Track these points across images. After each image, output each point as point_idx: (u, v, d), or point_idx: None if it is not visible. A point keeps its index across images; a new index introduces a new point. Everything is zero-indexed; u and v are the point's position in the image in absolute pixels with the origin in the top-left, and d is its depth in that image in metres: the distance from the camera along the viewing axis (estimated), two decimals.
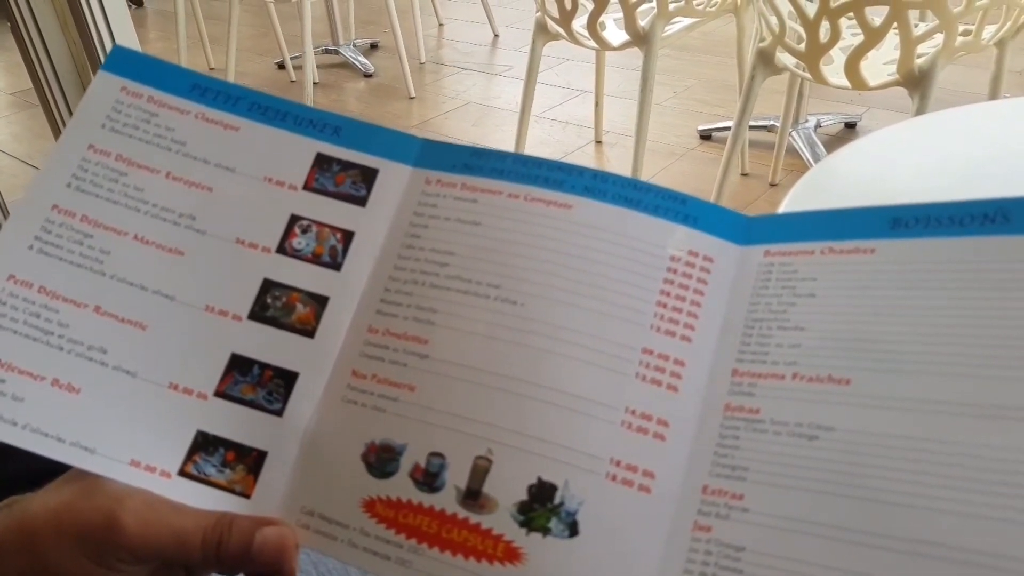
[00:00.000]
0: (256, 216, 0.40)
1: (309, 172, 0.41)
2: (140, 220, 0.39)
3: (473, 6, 4.15)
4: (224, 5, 2.99)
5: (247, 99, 0.42)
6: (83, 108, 0.41)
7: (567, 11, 2.08)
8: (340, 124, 0.43)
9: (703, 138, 2.68)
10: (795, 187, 0.82)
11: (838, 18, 1.54)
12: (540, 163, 0.40)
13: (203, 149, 0.41)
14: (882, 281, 0.35)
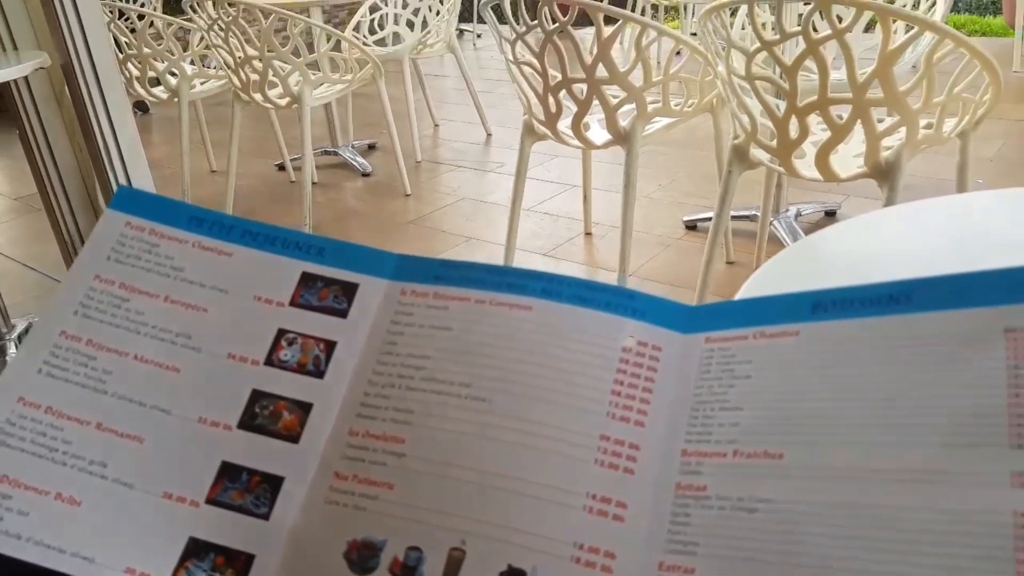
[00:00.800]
0: (246, 332, 0.43)
1: (295, 290, 0.45)
2: (140, 341, 0.42)
3: (467, 107, 4.32)
4: (227, 110, 3.13)
5: (239, 227, 0.47)
6: (91, 243, 0.45)
7: (552, 114, 2.18)
8: (324, 245, 0.47)
9: (688, 228, 2.76)
10: (759, 271, 0.86)
11: (806, 116, 1.62)
12: (502, 271, 0.44)
13: (199, 274, 0.45)
14: (806, 360, 0.38)
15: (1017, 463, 0.31)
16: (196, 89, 3.27)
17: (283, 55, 2.80)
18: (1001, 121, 3.62)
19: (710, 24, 1.70)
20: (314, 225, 3.00)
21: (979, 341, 0.34)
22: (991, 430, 0.32)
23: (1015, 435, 0.32)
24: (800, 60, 1.54)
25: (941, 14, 2.25)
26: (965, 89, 1.65)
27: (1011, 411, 0.32)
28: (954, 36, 1.50)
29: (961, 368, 0.34)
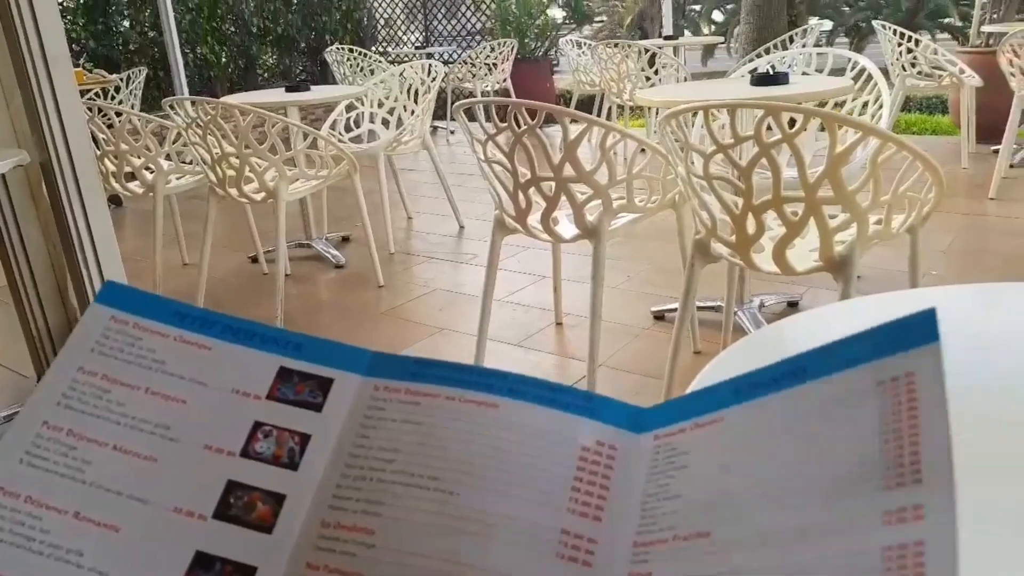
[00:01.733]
0: (223, 424, 0.45)
1: (272, 383, 0.47)
2: (120, 431, 0.44)
3: (440, 201, 4.42)
4: (200, 204, 3.18)
5: (220, 323, 0.49)
6: (76, 335, 0.47)
7: (522, 209, 2.25)
8: (301, 341, 0.49)
9: (656, 318, 2.81)
10: (713, 360, 0.90)
11: (761, 213, 1.70)
12: (471, 369, 0.47)
13: (180, 367, 0.47)
14: (730, 443, 0.42)
15: (888, 503, 0.34)
16: (172, 184, 3.32)
17: (260, 152, 2.87)
18: (954, 215, 3.78)
19: (669, 127, 1.79)
20: (286, 317, 3.01)
21: (857, 397, 0.38)
22: (867, 477, 0.35)
23: (887, 478, 0.35)
24: (754, 162, 1.62)
25: (886, 120, 2.38)
26: (911, 188, 1.74)
27: (883, 457, 0.35)
28: (896, 140, 1.60)
29: (844, 425, 0.38)
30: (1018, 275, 3.04)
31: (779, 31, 7.83)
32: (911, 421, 0.36)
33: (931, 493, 0.33)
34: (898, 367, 0.37)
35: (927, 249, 3.26)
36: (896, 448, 0.35)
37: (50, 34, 1.69)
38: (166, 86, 6.83)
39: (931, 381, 0.36)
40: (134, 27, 7.06)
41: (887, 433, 0.36)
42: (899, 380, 0.37)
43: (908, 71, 4.85)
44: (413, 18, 10.04)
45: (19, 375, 2.58)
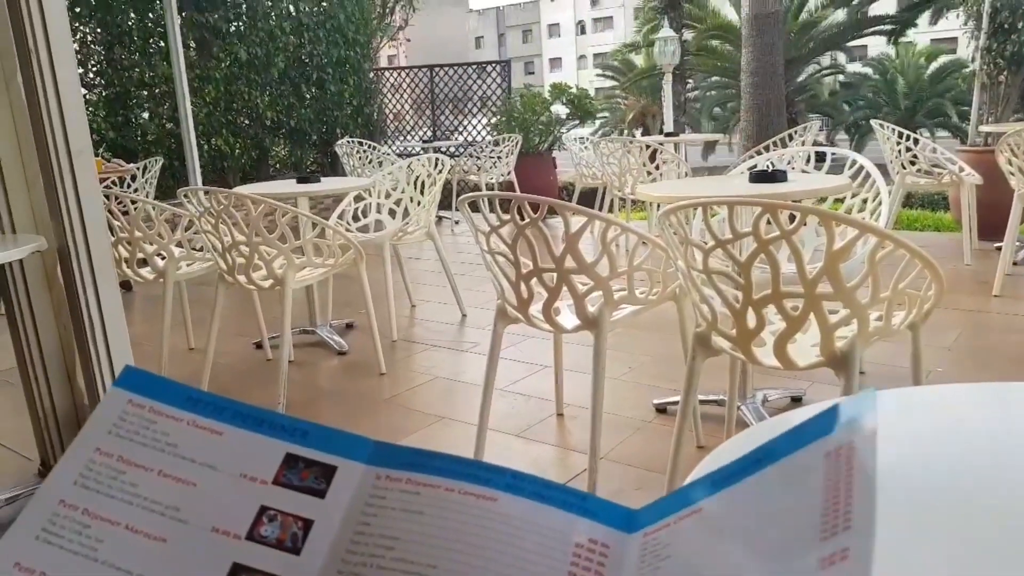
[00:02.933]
0: (231, 507, 0.46)
1: (279, 469, 0.48)
2: (132, 511, 0.45)
3: (443, 289, 4.47)
4: (207, 289, 3.22)
5: (231, 409, 0.51)
6: (95, 417, 0.49)
7: (524, 299, 2.28)
8: (308, 429, 0.51)
9: (659, 411, 2.80)
10: (711, 454, 0.90)
11: (761, 308, 1.72)
12: (471, 463, 0.49)
13: (191, 451, 0.48)
14: (706, 530, 0.44)
15: (823, 551, 0.38)
16: (182, 271, 3.38)
17: (269, 241, 2.93)
18: (958, 312, 3.80)
19: (669, 222, 1.83)
20: (288, 404, 3.01)
21: (810, 469, 0.42)
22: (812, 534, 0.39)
23: (823, 530, 0.39)
24: (752, 257, 1.66)
25: (885, 217, 2.43)
26: (911, 285, 1.77)
27: (824, 513, 0.39)
28: (893, 238, 1.63)
29: (799, 494, 0.42)
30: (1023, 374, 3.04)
31: (778, 129, 8.07)
32: (847, 481, 0.40)
33: (856, 536, 0.37)
34: (843, 439, 0.41)
35: (931, 346, 3.26)
36: (834, 505, 0.39)
37: (75, 128, 1.76)
38: (181, 175, 7.01)
39: (867, 449, 0.41)
40: (153, 119, 7.30)
41: (828, 493, 0.40)
42: (842, 449, 0.41)
43: (908, 169, 4.96)
44: (421, 113, 10.37)
45: (23, 457, 2.56)
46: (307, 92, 8.41)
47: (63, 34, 1.86)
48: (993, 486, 0.80)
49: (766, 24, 8.83)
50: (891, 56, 22.30)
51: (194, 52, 7.40)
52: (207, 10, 7.36)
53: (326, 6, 8.44)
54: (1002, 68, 6.14)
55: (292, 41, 8.14)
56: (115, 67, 7.00)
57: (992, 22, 6.05)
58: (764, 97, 9.08)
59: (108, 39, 6.96)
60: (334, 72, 8.53)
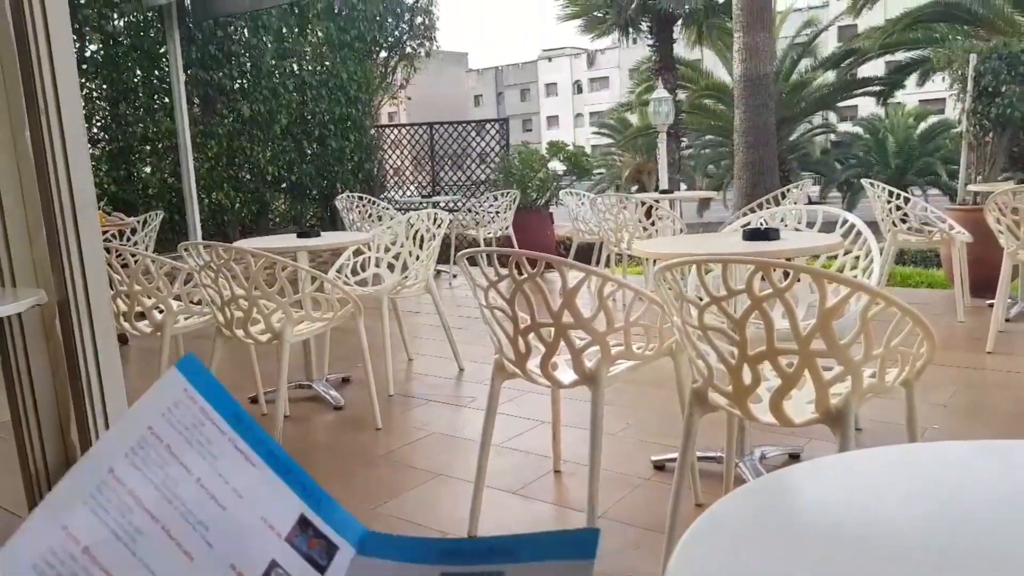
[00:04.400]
0: (249, 550, 0.49)
1: (292, 528, 0.51)
2: (170, 512, 0.47)
3: (441, 343, 4.47)
4: (204, 343, 3.22)
5: (266, 445, 0.54)
6: (152, 394, 0.51)
7: (522, 354, 2.29)
8: (322, 497, 0.55)
9: (657, 468, 2.78)
10: (710, 508, 0.90)
11: (756, 364, 1.73)
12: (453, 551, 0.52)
13: (228, 470, 0.51)
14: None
15: None
16: (180, 324, 3.38)
17: (269, 294, 2.95)
18: (953, 369, 3.81)
19: (665, 278, 1.86)
20: None
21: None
22: None
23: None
24: (747, 314, 1.68)
25: (876, 275, 2.46)
26: (903, 342, 1.78)
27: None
28: (884, 297, 1.65)
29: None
30: (1021, 431, 3.03)
31: (771, 186, 8.19)
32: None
33: None
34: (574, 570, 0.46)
35: (928, 403, 3.26)
36: None
37: (80, 183, 1.79)
38: (181, 229, 7.07)
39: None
40: (155, 173, 7.39)
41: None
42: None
43: (899, 227, 5.03)
44: (421, 168, 10.51)
45: (13, 515, 2.52)
46: (309, 148, 8.54)
47: (72, 91, 1.91)
48: (992, 544, 0.80)
49: (758, 85, 9.03)
50: (881, 116, 22.75)
51: (198, 108, 7.54)
52: (212, 68, 7.52)
53: (329, 65, 8.63)
54: (988, 129, 6.27)
55: (295, 98, 8.30)
56: (119, 122, 7.12)
57: (976, 85, 6.20)
58: (757, 155, 9.24)
59: (114, 95, 7.09)
60: (336, 129, 8.67)
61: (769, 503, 1.01)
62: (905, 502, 0.93)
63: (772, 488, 1.08)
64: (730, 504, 1.00)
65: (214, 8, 6.81)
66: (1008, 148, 6.64)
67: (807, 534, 0.87)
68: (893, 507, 0.91)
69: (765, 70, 9.07)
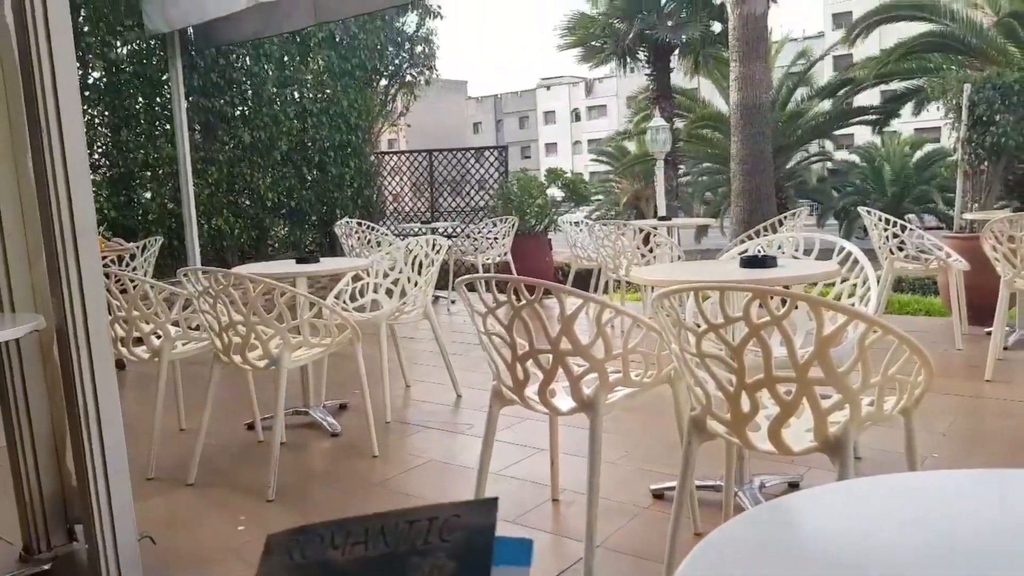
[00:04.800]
0: None
1: None
2: None
3: (439, 369, 4.46)
4: (200, 368, 3.21)
5: None
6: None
7: (520, 381, 2.29)
8: None
9: (656, 497, 2.77)
10: (708, 537, 0.89)
11: (755, 392, 1.73)
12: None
13: None
14: None
15: None
16: (177, 350, 3.38)
17: (267, 320, 2.95)
18: (952, 397, 3.80)
19: (663, 305, 1.86)
20: (279, 487, 2.97)
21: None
22: None
23: None
24: (744, 342, 1.68)
25: (874, 303, 2.47)
26: (901, 370, 1.79)
27: None
28: (881, 325, 1.66)
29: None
30: (1020, 459, 3.02)
31: (768, 214, 8.23)
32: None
33: None
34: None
35: (927, 431, 3.25)
36: None
37: (81, 208, 1.80)
38: (180, 254, 7.07)
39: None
40: (155, 199, 7.42)
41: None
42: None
43: (896, 254, 5.04)
44: (420, 194, 10.56)
45: (4, 541, 2.50)
46: (308, 174, 8.58)
47: (75, 117, 1.93)
48: (990, 574, 0.80)
49: (754, 114, 9.11)
50: (877, 145, 22.93)
51: (199, 135, 7.58)
52: (213, 95, 7.58)
53: (330, 93, 8.70)
54: (983, 158, 6.32)
55: (295, 125, 8.35)
56: (120, 149, 7.16)
57: (971, 115, 6.26)
58: (754, 183, 9.30)
59: (116, 122, 7.14)
60: (336, 155, 8.72)
61: (768, 531, 1.01)
62: (904, 531, 0.93)
63: (771, 516, 1.08)
64: (729, 532, 1.00)
65: (217, 37, 6.88)
66: (1004, 176, 6.69)
67: (806, 562, 0.87)
68: (892, 536, 0.91)
69: (761, 99, 9.16)
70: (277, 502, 2.91)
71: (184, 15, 6.16)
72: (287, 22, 6.36)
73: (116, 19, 6.83)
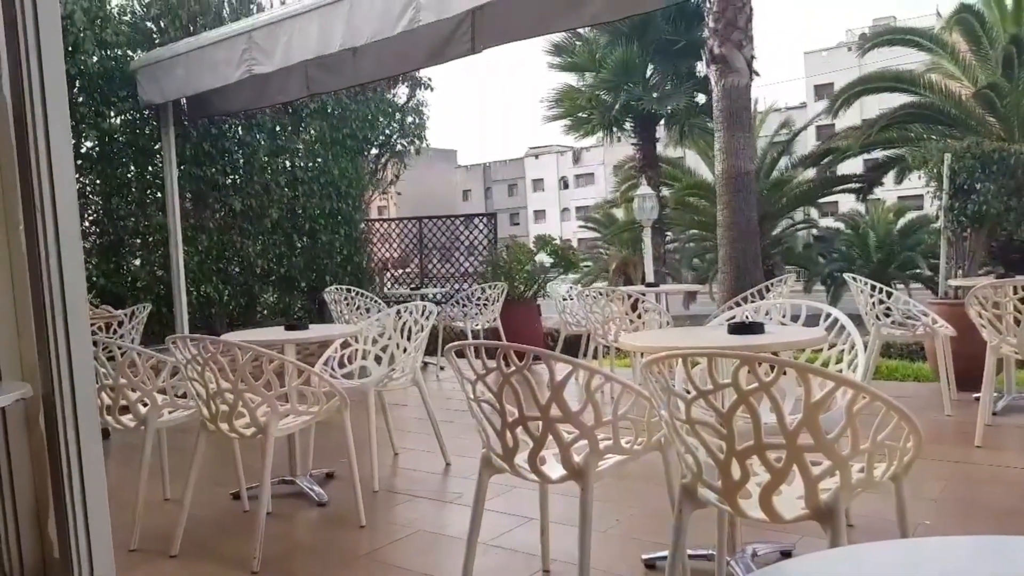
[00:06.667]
0: None
1: None
2: None
3: (427, 436, 4.42)
4: (185, 437, 3.17)
5: None
6: None
7: (510, 448, 2.27)
8: None
9: (648, 567, 2.72)
10: None
11: (745, 459, 1.73)
12: None
13: None
14: None
15: None
16: (164, 418, 3.34)
17: (255, 388, 2.93)
18: (942, 463, 3.79)
19: (652, 372, 1.87)
20: (264, 559, 2.90)
21: None
22: None
23: None
24: (734, 408, 1.68)
25: (862, 369, 2.49)
26: (890, 436, 1.79)
27: None
28: (868, 391, 1.67)
29: None
30: (1011, 526, 3.00)
31: (755, 280, 8.31)
32: None
33: None
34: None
35: (918, 497, 3.23)
36: None
37: (72, 279, 1.81)
38: (168, 321, 7.05)
39: None
40: (144, 266, 7.42)
41: None
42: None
43: (883, 320, 5.08)
44: (410, 261, 10.63)
45: None
46: (299, 241, 8.63)
47: (68, 190, 1.95)
48: None
49: (739, 182, 9.29)
50: (861, 212, 23.31)
51: (190, 203, 7.64)
52: (205, 164, 7.67)
53: (321, 162, 8.82)
54: (965, 225, 6.44)
55: (287, 193, 8.44)
56: (111, 216, 7.19)
57: (952, 183, 6.40)
58: (740, 250, 9.41)
59: (107, 190, 7.19)
60: (326, 223, 8.79)
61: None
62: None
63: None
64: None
65: (209, 108, 7.01)
66: (987, 243, 6.81)
67: None
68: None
69: (746, 168, 9.35)
70: (262, 573, 2.84)
71: (179, 87, 6.30)
72: (280, 94, 6.50)
73: (110, 90, 6.95)
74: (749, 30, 9.39)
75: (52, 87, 1.94)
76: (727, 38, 9.21)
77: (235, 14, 7.94)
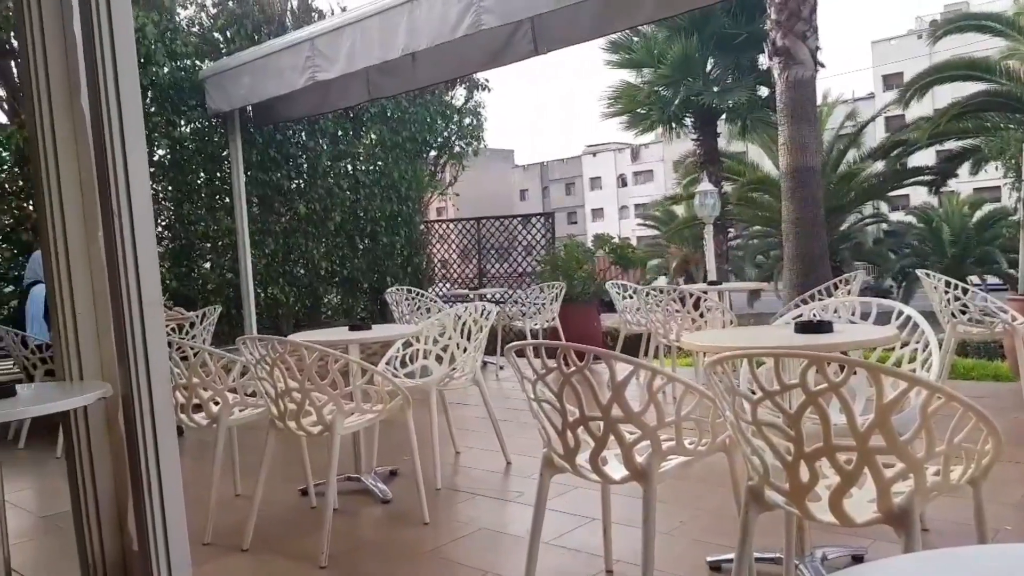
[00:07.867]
0: None
1: None
2: None
3: (488, 436, 4.44)
4: (256, 434, 3.26)
5: None
6: None
7: (571, 448, 2.27)
8: None
9: (713, 569, 2.68)
10: None
11: (813, 461, 1.69)
12: None
13: None
14: None
15: None
16: (235, 416, 3.44)
17: (321, 387, 2.99)
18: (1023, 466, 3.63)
19: (716, 372, 1.84)
20: (331, 554, 2.96)
21: None
22: None
23: None
24: (802, 410, 1.65)
25: (936, 369, 2.40)
26: (967, 438, 1.73)
27: None
28: (944, 392, 1.61)
29: None
30: None
31: (823, 278, 8.10)
32: None
33: None
34: None
35: (997, 502, 3.11)
36: None
37: (148, 282, 1.89)
38: (237, 322, 7.26)
39: None
40: (214, 269, 7.66)
41: None
42: None
43: (958, 318, 4.90)
44: (468, 261, 10.70)
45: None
46: (360, 243, 8.79)
47: (144, 198, 2.03)
48: None
49: (805, 177, 9.06)
50: (934, 205, 22.53)
51: (256, 207, 7.85)
52: (271, 169, 7.87)
53: (381, 165, 8.96)
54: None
55: (349, 197, 8.60)
56: (183, 221, 7.45)
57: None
58: (806, 247, 9.18)
59: (179, 196, 7.44)
60: (387, 225, 8.93)
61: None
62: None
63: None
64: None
65: (274, 114, 7.19)
66: None
67: None
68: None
69: (812, 162, 9.12)
70: (329, 568, 2.90)
71: (245, 95, 6.47)
72: (342, 99, 6.63)
73: (180, 99, 7.19)
74: (813, 20, 9.15)
75: (127, 98, 2.02)
76: (790, 29, 9.00)
77: (298, 22, 8.13)
